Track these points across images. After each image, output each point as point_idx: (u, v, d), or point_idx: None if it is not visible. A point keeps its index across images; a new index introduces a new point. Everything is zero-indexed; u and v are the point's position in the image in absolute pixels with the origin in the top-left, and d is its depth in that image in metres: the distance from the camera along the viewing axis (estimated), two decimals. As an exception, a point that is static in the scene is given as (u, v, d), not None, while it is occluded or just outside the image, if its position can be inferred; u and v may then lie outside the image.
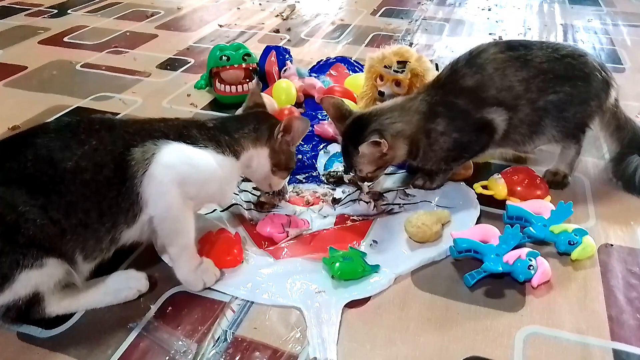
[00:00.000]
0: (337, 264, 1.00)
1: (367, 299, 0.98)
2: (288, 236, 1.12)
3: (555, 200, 1.18)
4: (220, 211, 1.20)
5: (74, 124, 0.93)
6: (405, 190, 1.27)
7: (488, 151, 1.26)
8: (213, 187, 0.99)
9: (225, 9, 2.69)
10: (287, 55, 1.83)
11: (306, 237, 1.13)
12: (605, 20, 2.55)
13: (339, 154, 1.34)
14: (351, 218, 1.19)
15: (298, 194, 1.26)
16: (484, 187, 1.26)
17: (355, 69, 1.88)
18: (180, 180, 0.92)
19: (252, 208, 1.21)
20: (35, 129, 0.93)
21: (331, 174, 1.32)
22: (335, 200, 1.24)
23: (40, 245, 0.84)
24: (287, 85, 1.63)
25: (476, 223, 1.16)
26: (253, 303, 0.97)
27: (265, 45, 1.87)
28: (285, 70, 1.77)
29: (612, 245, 1.12)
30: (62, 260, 0.87)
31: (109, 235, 0.91)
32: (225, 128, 1.05)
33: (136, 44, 2.19)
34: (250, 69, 1.69)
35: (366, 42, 2.24)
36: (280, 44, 2.12)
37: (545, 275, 1.01)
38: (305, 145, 1.44)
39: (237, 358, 0.87)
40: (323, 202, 1.24)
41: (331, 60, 1.95)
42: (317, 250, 1.08)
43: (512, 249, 1.04)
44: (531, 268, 1.00)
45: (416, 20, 2.52)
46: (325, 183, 1.31)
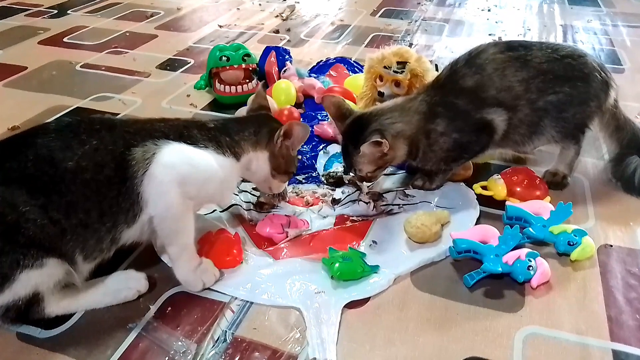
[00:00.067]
0: (337, 265, 1.00)
1: (367, 300, 0.98)
2: (287, 237, 1.11)
3: (555, 200, 1.18)
4: (220, 211, 1.20)
5: (74, 124, 0.93)
6: (405, 190, 1.27)
7: (488, 152, 1.26)
8: (213, 188, 0.99)
9: (225, 9, 2.69)
10: (287, 56, 1.83)
11: (306, 238, 1.13)
12: (605, 21, 2.55)
13: (339, 155, 1.34)
14: (351, 218, 1.19)
15: (298, 195, 1.26)
16: (484, 188, 1.26)
17: (355, 69, 1.88)
18: (180, 180, 0.92)
19: (252, 208, 1.21)
20: (36, 129, 0.93)
21: (331, 174, 1.32)
22: (335, 201, 1.24)
23: (41, 245, 0.84)
24: (287, 86, 1.63)
25: (476, 224, 1.16)
26: (252, 303, 0.97)
27: (265, 45, 1.88)
28: (285, 71, 1.77)
29: (612, 245, 1.12)
30: (62, 260, 0.87)
31: (109, 235, 0.91)
32: (226, 129, 1.05)
33: (136, 44, 2.19)
34: (250, 69, 1.69)
35: (366, 43, 2.24)
36: (280, 45, 2.12)
37: (545, 276, 1.01)
38: (304, 146, 1.44)
39: (237, 358, 0.87)
40: (322, 203, 1.24)
41: (331, 61, 1.94)
42: (317, 250, 1.08)
43: (512, 250, 1.04)
44: (530, 269, 1.00)
45: (416, 21, 2.52)
46: (324, 184, 1.31)
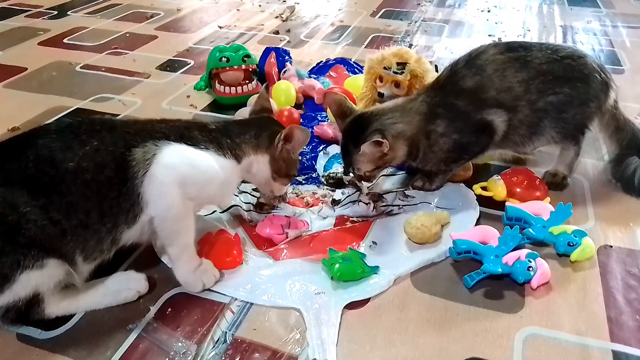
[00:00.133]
0: (337, 265, 1.00)
1: (367, 300, 0.98)
2: (287, 237, 1.11)
3: (555, 201, 1.18)
4: (220, 212, 1.20)
5: (75, 124, 0.93)
6: (405, 191, 1.27)
7: (487, 152, 1.26)
8: (213, 189, 0.99)
9: (225, 10, 2.69)
10: (287, 57, 1.83)
11: (306, 239, 1.13)
12: (605, 22, 2.55)
13: (339, 156, 1.34)
14: (351, 219, 1.19)
15: (298, 195, 1.26)
16: (484, 189, 1.26)
17: (355, 70, 1.88)
18: (181, 181, 0.92)
19: (252, 209, 1.21)
20: (37, 130, 0.93)
21: (331, 175, 1.32)
22: (335, 202, 1.24)
23: (41, 246, 0.84)
24: (287, 87, 1.63)
25: (475, 224, 1.16)
26: (252, 304, 0.97)
27: (264, 46, 1.88)
28: (284, 72, 1.77)
29: (612, 246, 1.12)
30: (63, 261, 0.87)
31: (110, 236, 0.91)
32: (227, 131, 1.05)
33: (136, 45, 2.19)
34: (250, 70, 1.69)
35: (366, 44, 2.24)
36: (280, 45, 2.12)
37: (545, 277, 1.01)
38: (304, 147, 1.44)
39: (237, 359, 0.87)
40: (322, 204, 1.24)
41: (331, 62, 1.94)
42: (317, 251, 1.08)
43: (512, 250, 1.04)
44: (530, 269, 1.00)
45: (415, 22, 2.53)
46: (324, 184, 1.31)
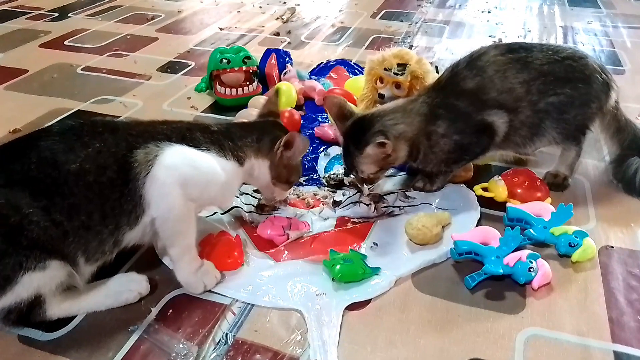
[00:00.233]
0: (338, 267, 1.00)
1: (368, 302, 0.98)
2: (288, 239, 1.12)
3: (556, 202, 1.18)
4: (221, 214, 1.20)
5: (77, 126, 0.93)
6: (406, 192, 1.27)
7: (488, 153, 1.26)
8: (215, 190, 0.99)
9: (226, 11, 2.69)
10: (288, 58, 1.83)
11: (307, 240, 1.13)
12: (605, 22, 2.55)
13: (339, 157, 1.34)
14: (352, 220, 1.19)
15: (299, 197, 1.26)
16: (485, 189, 1.26)
17: (356, 71, 1.88)
18: (182, 182, 0.92)
19: (253, 210, 1.21)
20: (39, 132, 0.93)
21: (332, 176, 1.32)
22: (336, 203, 1.24)
23: (43, 247, 0.84)
24: (288, 88, 1.63)
25: (476, 225, 1.16)
26: (254, 306, 0.97)
27: (265, 48, 1.88)
28: (285, 73, 1.77)
29: (613, 247, 1.12)
30: (65, 262, 0.87)
31: (112, 238, 0.91)
32: (229, 133, 1.05)
33: (137, 47, 2.19)
34: (251, 71, 1.69)
35: (366, 45, 2.24)
36: (281, 47, 2.12)
37: (546, 277, 1.01)
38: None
39: (238, 360, 0.87)
40: (323, 205, 1.24)
41: (331, 63, 1.95)
42: (318, 252, 1.08)
43: (513, 251, 1.04)
44: (531, 270, 1.00)
45: (416, 23, 2.53)
46: (325, 186, 1.31)
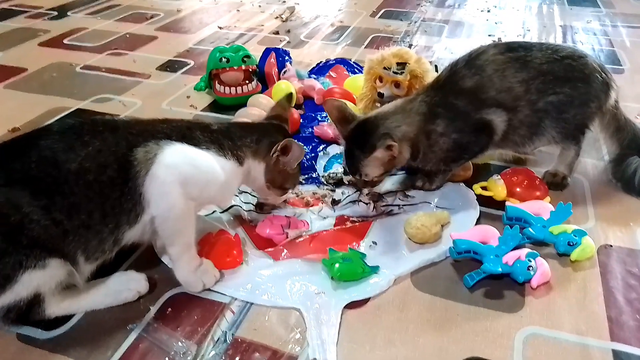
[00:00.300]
0: (337, 265, 1.00)
1: (367, 300, 0.98)
2: (287, 237, 1.12)
3: (555, 201, 1.18)
4: (220, 212, 1.20)
5: (77, 125, 0.93)
6: (405, 191, 1.27)
7: (487, 152, 1.26)
8: (214, 189, 0.99)
9: (225, 11, 2.69)
10: (287, 57, 1.83)
11: (306, 239, 1.13)
12: (605, 22, 2.55)
13: (339, 156, 1.34)
14: (351, 219, 1.19)
15: (298, 195, 1.26)
16: (484, 188, 1.26)
17: (355, 70, 1.88)
18: (182, 181, 0.92)
19: (252, 209, 1.21)
20: (39, 131, 0.93)
21: (331, 175, 1.32)
22: (335, 202, 1.24)
23: (43, 246, 0.84)
24: (287, 87, 1.63)
25: (475, 224, 1.16)
26: (253, 304, 0.97)
27: (264, 47, 1.88)
28: (284, 72, 1.77)
29: (612, 246, 1.12)
30: (65, 261, 0.87)
31: (112, 236, 0.91)
32: (229, 133, 1.05)
33: (136, 46, 2.19)
34: (250, 70, 1.69)
35: (365, 44, 2.24)
36: (280, 46, 2.12)
37: (545, 276, 1.01)
38: (305, 147, 1.43)
39: (237, 359, 0.87)
40: (323, 204, 1.24)
41: (331, 62, 1.94)
42: (317, 251, 1.08)
43: (512, 250, 1.04)
44: (530, 269, 1.00)
45: (415, 22, 2.53)
46: (324, 184, 1.31)
